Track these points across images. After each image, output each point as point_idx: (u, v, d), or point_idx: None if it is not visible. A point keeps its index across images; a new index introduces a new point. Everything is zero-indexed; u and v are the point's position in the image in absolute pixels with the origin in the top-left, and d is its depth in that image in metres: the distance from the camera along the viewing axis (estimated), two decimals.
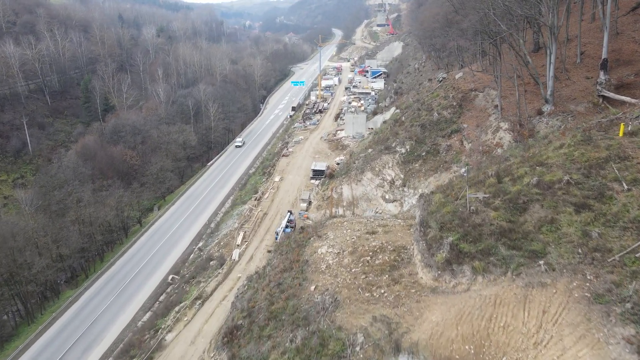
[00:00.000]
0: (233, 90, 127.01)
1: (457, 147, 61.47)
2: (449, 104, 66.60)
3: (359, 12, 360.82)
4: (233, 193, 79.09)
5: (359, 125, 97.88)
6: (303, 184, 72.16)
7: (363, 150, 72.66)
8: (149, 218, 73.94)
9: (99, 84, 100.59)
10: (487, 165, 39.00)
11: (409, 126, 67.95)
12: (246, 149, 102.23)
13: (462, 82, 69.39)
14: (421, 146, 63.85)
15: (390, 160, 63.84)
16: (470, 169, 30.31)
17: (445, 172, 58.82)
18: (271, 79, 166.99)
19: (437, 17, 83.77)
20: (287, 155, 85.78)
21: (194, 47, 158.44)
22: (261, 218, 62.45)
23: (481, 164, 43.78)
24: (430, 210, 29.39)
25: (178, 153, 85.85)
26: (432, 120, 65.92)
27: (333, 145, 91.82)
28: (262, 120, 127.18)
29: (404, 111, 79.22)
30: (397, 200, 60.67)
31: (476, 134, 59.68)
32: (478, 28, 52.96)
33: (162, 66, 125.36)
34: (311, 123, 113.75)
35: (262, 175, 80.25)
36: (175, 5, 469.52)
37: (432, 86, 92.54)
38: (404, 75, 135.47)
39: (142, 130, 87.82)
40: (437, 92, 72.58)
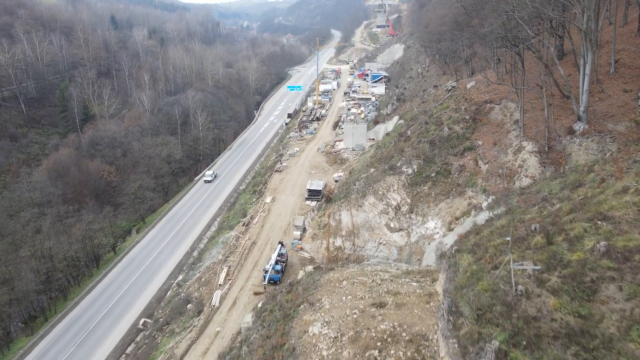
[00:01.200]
0: (225, 96, 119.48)
1: (471, 168, 54.14)
2: (461, 118, 59.22)
3: (358, 13, 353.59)
4: (220, 214, 71.50)
5: (359, 136, 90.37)
6: (297, 206, 64.63)
7: (364, 169, 65.16)
8: (127, 243, 66.38)
9: (77, 91, 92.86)
10: (520, 205, 31.61)
11: (416, 142, 60.48)
12: (238, 160, 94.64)
13: (475, 92, 61.96)
14: (430, 166, 56.43)
15: (395, 182, 56.35)
16: (512, 230, 22.51)
17: (458, 197, 51.47)
18: (267, 83, 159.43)
19: (445, 19, 76.46)
20: (280, 171, 78.23)
21: (185, 50, 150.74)
22: (249, 248, 54.89)
23: (508, 197, 36.36)
24: (458, 283, 21.90)
25: (161, 168, 78.28)
26: (442, 136, 58.51)
27: (331, 159, 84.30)
28: (256, 129, 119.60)
29: (409, 123, 71.75)
30: (404, 229, 53.22)
31: (493, 154, 52.22)
32: (499, 33, 45.45)
33: (150, 71, 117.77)
34: (308, 132, 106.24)
35: (252, 194, 72.71)
36: (171, 5, 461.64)
37: (438, 94, 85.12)
38: (406, 80, 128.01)
39: (123, 142, 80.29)
40: (447, 103, 65.16)
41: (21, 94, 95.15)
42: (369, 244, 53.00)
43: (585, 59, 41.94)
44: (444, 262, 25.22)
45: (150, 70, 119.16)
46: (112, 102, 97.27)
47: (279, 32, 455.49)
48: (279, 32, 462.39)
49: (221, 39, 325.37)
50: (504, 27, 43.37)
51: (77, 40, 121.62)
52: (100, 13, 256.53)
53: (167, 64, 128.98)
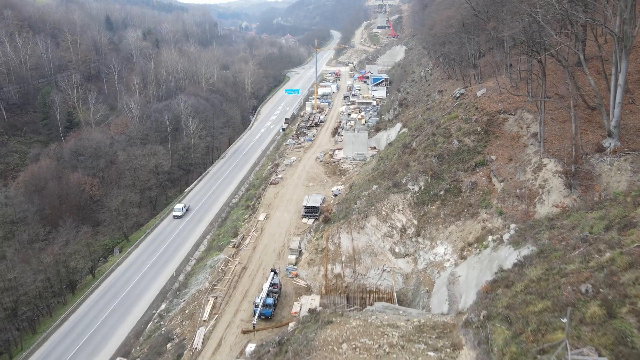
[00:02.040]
0: (220, 101, 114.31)
1: (484, 186, 48.99)
2: (472, 129, 54.08)
3: (358, 13, 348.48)
4: (210, 231, 66.33)
5: (360, 144, 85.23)
6: (293, 224, 59.42)
7: (366, 184, 59.96)
8: (109, 263, 61.18)
9: (60, 97, 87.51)
10: (555, 245, 26.51)
11: (422, 156, 55.28)
12: (232, 169, 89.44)
13: (487, 101, 56.81)
14: (438, 183, 51.27)
15: (400, 202, 51.16)
16: (569, 313, 16.82)
17: (470, 219, 46.29)
18: (264, 87, 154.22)
19: (452, 22, 71.39)
20: (275, 184, 73.01)
21: (179, 52, 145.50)
22: (239, 275, 49.67)
23: (536, 231, 31.21)
24: None
25: (148, 180, 72.98)
26: (451, 150, 53.35)
27: (330, 170, 79.11)
28: (252, 135, 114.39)
29: (413, 133, 66.59)
30: (410, 254, 48.03)
31: (509, 171, 47.08)
32: (520, 38, 40.27)
33: (141, 74, 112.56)
34: (306, 139, 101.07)
35: (245, 209, 67.50)
36: (169, 6, 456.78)
37: (444, 100, 79.99)
38: (409, 83, 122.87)
39: (108, 152, 75.04)
40: (455, 112, 60.01)
41: (2, 99, 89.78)
42: (372, 271, 47.80)
43: (618, 67, 36.77)
44: (470, 333, 20.02)
45: (141, 74, 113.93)
46: (98, 108, 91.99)
47: (277, 33, 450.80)
48: (277, 32, 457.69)
49: (219, 40, 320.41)
50: (525, 32, 38.18)
51: (65, 42, 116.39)
52: (95, 14, 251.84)
53: (160, 67, 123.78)
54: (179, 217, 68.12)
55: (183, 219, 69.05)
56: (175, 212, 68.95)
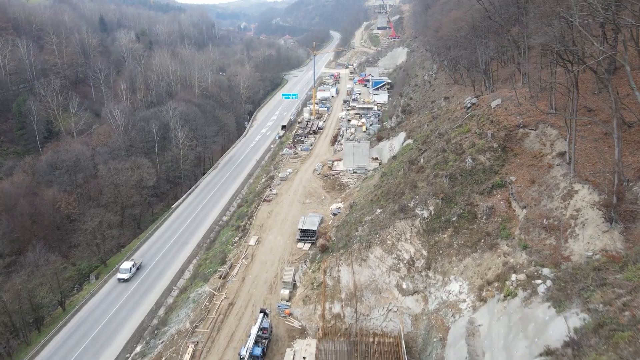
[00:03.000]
0: (212, 107, 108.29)
1: (503, 211, 43.04)
2: (487, 145, 48.13)
3: (358, 14, 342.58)
4: (198, 254, 60.37)
5: (361, 156, 79.35)
6: (287, 250, 53.45)
7: (368, 205, 54.01)
8: (83, 292, 55.23)
9: (38, 105, 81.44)
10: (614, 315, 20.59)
11: (432, 175, 49.37)
12: (223, 182, 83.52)
13: (503, 113, 50.86)
14: (450, 207, 45.34)
15: (407, 229, 45.23)
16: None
17: (489, 251, 40.33)
18: (260, 90, 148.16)
19: (462, 24, 65.54)
20: (269, 201, 67.07)
21: (172, 54, 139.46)
22: (225, 312, 43.71)
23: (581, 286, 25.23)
24: None
25: (131, 197, 66.89)
26: (464, 169, 47.40)
27: (328, 184, 73.15)
28: (246, 143, 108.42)
29: (420, 147, 60.63)
30: (419, 291, 42.10)
31: (532, 195, 41.11)
32: (550, 46, 34.31)
33: (130, 79, 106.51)
34: (303, 148, 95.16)
35: (235, 230, 61.52)
36: (166, 6, 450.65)
37: (451, 108, 74.13)
38: (412, 88, 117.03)
39: (87, 166, 68.98)
40: (467, 124, 54.09)
41: None
42: (376, 310, 41.86)
43: None
44: None
45: (130, 78, 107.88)
46: (80, 115, 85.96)
47: (276, 34, 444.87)
48: (276, 33, 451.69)
49: (216, 41, 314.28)
50: (558, 38, 32.23)
51: (50, 45, 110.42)
52: (88, 14, 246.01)
53: (151, 71, 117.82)
54: (125, 281, 53.21)
55: (169, 231, 63.19)
56: (120, 275, 53.33)
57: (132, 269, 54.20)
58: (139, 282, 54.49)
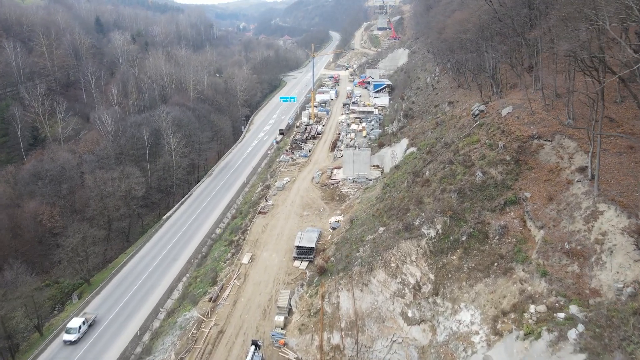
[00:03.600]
0: (208, 111, 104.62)
1: (517, 231, 39.35)
2: (499, 158, 44.54)
3: (357, 14, 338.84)
4: (188, 271, 56.72)
5: (362, 164, 75.62)
6: (283, 268, 49.77)
7: (370, 220, 50.35)
8: (64, 314, 51.52)
9: (22, 111, 77.64)
10: None
11: (439, 190, 45.72)
12: (217, 191, 79.83)
13: (515, 122, 47.25)
14: (459, 225, 41.69)
15: (413, 250, 41.59)
16: None
17: (503, 276, 36.68)
18: (257, 93, 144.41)
19: (468, 26, 61.86)
20: (264, 213, 63.40)
21: (167, 56, 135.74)
22: (213, 342, 40.02)
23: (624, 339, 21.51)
24: None
25: (118, 209, 63.16)
26: (473, 183, 43.79)
27: (327, 194, 69.45)
28: (243, 148, 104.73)
29: (425, 157, 56.96)
30: (426, 320, 38.39)
31: (550, 215, 37.45)
32: (574, 52, 30.63)
33: (122, 82, 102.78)
34: (301, 154, 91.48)
35: (228, 245, 57.82)
36: (164, 6, 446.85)
37: (456, 114, 70.54)
38: (414, 91, 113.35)
39: (72, 176, 65.21)
40: (476, 135, 50.49)
41: None
42: (379, 342, 38.16)
43: None
44: None
45: (122, 81, 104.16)
46: (68, 121, 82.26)
47: (276, 34, 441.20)
48: (276, 33, 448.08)
49: (214, 42, 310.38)
50: (586, 45, 28.57)
51: (40, 47, 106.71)
52: (84, 15, 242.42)
53: (145, 73, 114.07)
54: (71, 343, 43.34)
55: (159, 245, 59.54)
56: (67, 336, 43.30)
57: (83, 327, 44.31)
58: (124, 302, 50.78)
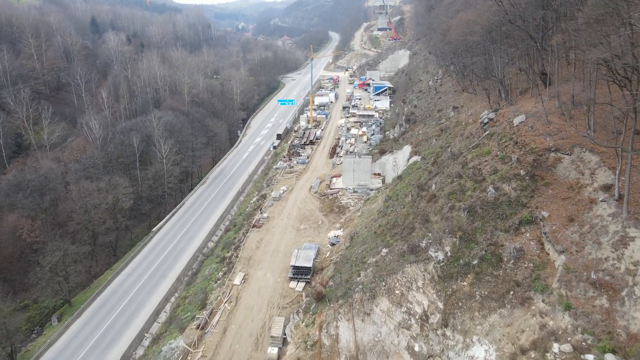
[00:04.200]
0: (203, 115, 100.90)
1: (534, 254, 35.73)
2: (513, 172, 40.90)
3: (357, 14, 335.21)
4: (177, 290, 53.02)
5: (362, 172, 72.01)
6: (278, 291, 46.08)
7: (371, 238, 46.70)
8: (42, 339, 47.83)
9: (4, 116, 73.84)
10: None
11: (447, 208, 42.10)
12: (211, 200, 76.16)
13: (529, 132, 43.62)
14: (470, 247, 38.02)
15: (419, 275, 37.94)
16: None
17: (520, 306, 33.01)
18: (255, 96, 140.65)
19: (476, 28, 58.20)
20: (259, 227, 59.70)
21: (162, 57, 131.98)
22: None
23: None
24: None
25: (104, 222, 59.32)
26: (485, 200, 40.15)
27: (326, 205, 65.76)
28: (239, 153, 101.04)
29: (430, 169, 53.30)
30: (435, 355, 34.74)
31: (572, 238, 33.82)
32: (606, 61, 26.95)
33: (113, 85, 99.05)
34: (299, 161, 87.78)
35: (219, 263, 54.10)
36: (162, 7, 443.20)
37: (461, 120, 66.94)
38: (415, 94, 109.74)
39: (56, 187, 61.51)
40: (486, 145, 46.86)
41: None
42: None
43: None
44: None
45: (113, 85, 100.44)
46: (54, 128, 78.55)
47: (275, 34, 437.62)
48: (275, 34, 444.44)
49: (212, 42, 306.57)
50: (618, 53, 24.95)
51: (29, 49, 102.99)
52: (80, 15, 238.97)
53: (137, 76, 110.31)
54: None
55: (147, 260, 55.84)
56: None
57: None
58: (107, 325, 47.11)
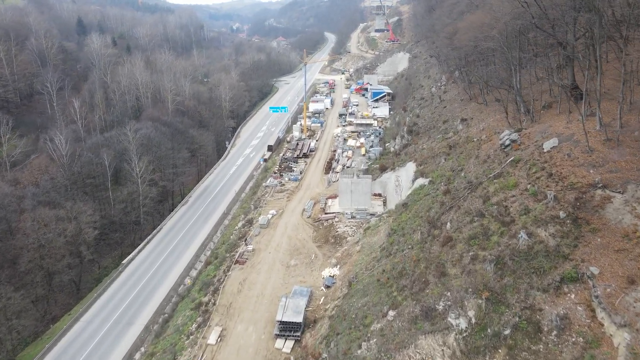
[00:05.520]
0: (188, 125, 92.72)
1: (583, 326, 27.58)
2: (549, 213, 32.93)
3: (354, 15, 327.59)
4: (144, 342, 44.85)
5: (361, 194, 64.06)
6: (261, 353, 37.91)
7: (374, 288, 38.71)
8: None
9: None
10: None
11: (468, 257, 34.18)
12: (191, 226, 68.02)
13: (565, 161, 35.72)
14: (500, 312, 30.12)
15: (437, 350, 30.05)
16: None
17: None
18: (245, 102, 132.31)
19: (492, 32, 50.33)
20: (242, 263, 51.57)
21: (147, 61, 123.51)
22: None
23: None
24: None
25: (62, 258, 50.94)
26: (516, 249, 32.23)
27: (321, 234, 57.67)
28: (226, 167, 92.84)
29: (443, 200, 45.27)
30: None
31: (636, 306, 26.01)
32: None
33: (89, 93, 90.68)
34: (291, 178, 79.73)
35: (194, 310, 45.88)
36: (154, 7, 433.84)
37: (472, 135, 59.03)
38: (417, 102, 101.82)
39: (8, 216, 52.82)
40: (512, 176, 38.90)
41: None
42: None
43: None
44: None
45: (89, 92, 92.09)
46: (14, 144, 70.15)
47: (269, 35, 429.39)
48: (270, 34, 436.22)
49: (205, 44, 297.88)
50: None
51: None
52: (65, 16, 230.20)
53: (117, 82, 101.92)
54: None
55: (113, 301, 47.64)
56: None
57: None
58: None
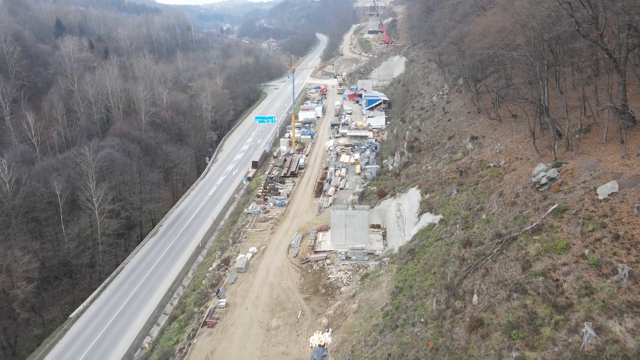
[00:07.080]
0: (161, 140, 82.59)
1: None
2: (624, 298, 23.24)
3: (346, 16, 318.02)
4: None
5: (357, 229, 54.33)
6: None
7: None
8: None
9: None
10: None
11: (506, 348, 24.60)
12: (158, 264, 57.97)
13: (633, 217, 26.37)
14: None
15: None
16: None
17: None
18: (230, 111, 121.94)
19: (514, 37, 40.94)
20: (212, 325, 41.59)
21: (120, 67, 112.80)
22: None
23: None
24: None
25: None
26: (578, 351, 22.62)
27: (309, 282, 47.87)
28: (205, 187, 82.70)
29: (462, 255, 35.70)
30: None
31: None
32: None
33: (49, 105, 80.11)
34: (277, 203, 69.79)
35: None
36: (141, 7, 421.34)
37: (487, 159, 49.77)
38: (417, 112, 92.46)
39: None
40: (557, 232, 29.42)
41: None
42: None
43: None
44: None
45: (49, 104, 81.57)
46: None
47: (260, 36, 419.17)
48: (260, 36, 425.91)
49: (192, 46, 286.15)
50: None
51: None
52: (43, 17, 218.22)
53: (85, 92, 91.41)
54: None
55: None
56: None
57: None
58: None
